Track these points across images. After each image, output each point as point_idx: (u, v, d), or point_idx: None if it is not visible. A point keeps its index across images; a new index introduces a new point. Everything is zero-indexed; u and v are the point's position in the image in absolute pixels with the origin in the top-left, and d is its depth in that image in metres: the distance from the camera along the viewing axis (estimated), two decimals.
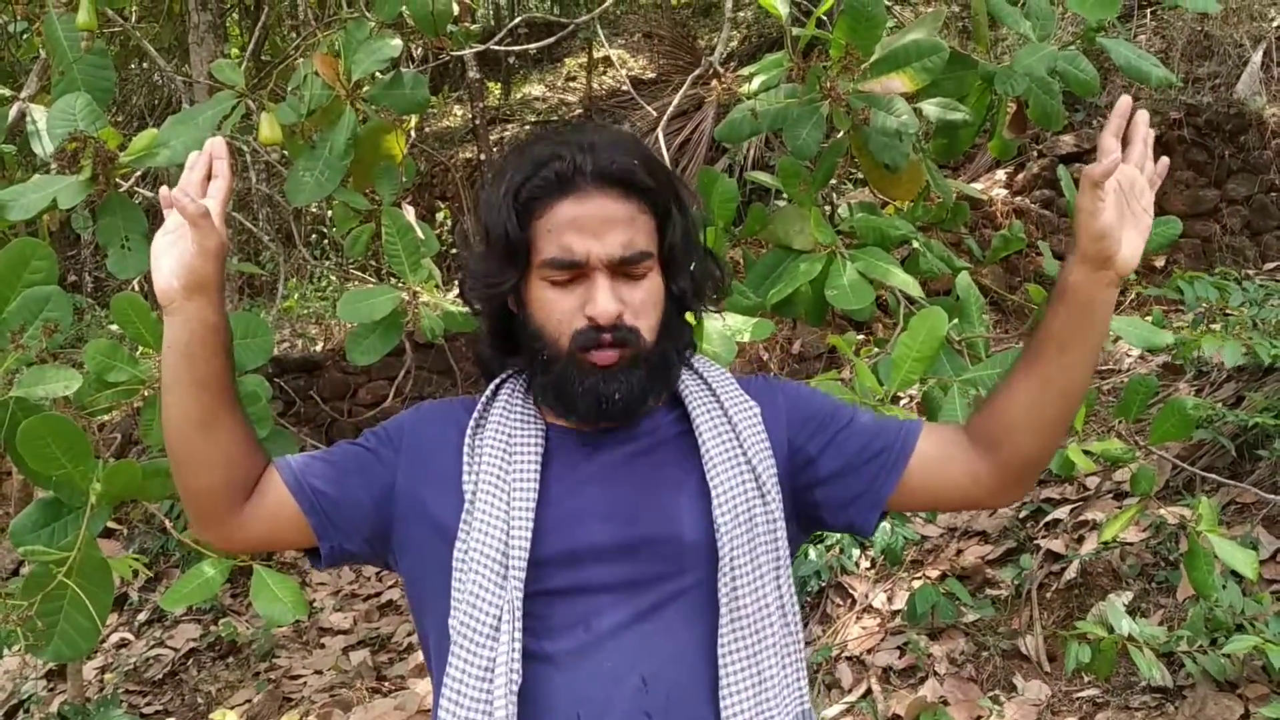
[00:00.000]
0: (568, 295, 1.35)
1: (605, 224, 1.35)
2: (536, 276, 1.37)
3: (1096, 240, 1.29)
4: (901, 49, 2.31)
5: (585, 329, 1.34)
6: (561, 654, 1.30)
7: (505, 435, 1.40)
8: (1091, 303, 1.33)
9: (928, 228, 2.89)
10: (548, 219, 1.36)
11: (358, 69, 2.27)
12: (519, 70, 13.12)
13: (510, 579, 1.29)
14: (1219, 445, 4.14)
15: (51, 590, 1.75)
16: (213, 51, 5.80)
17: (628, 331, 1.35)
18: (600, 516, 1.34)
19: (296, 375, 7.02)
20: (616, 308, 1.33)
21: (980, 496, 1.48)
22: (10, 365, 1.79)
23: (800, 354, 6.75)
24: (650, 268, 1.38)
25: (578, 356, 1.35)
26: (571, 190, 1.36)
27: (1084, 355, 1.36)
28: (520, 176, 1.38)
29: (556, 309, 1.36)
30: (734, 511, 1.33)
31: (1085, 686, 3.56)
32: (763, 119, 2.32)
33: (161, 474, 1.89)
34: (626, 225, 1.36)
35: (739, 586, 1.32)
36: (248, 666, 5.27)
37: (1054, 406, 1.38)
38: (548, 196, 1.36)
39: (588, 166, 1.35)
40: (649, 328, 1.37)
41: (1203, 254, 7.02)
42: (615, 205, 1.36)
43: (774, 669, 1.33)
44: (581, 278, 1.35)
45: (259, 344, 2.11)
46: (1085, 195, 1.28)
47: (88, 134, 2.03)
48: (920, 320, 1.98)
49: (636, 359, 1.35)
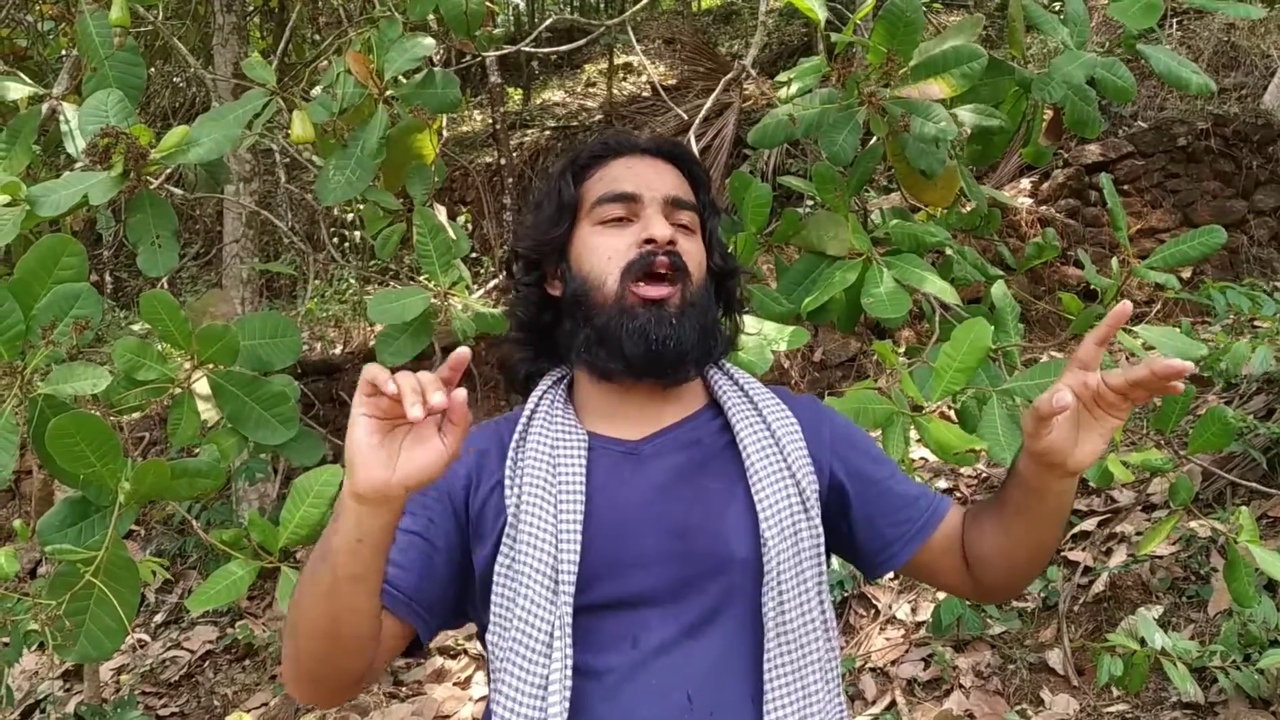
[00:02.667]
0: (619, 235, 1.39)
1: (656, 174, 1.44)
2: (587, 223, 1.42)
3: (1040, 455, 1.24)
4: (940, 55, 2.28)
5: (638, 256, 1.36)
6: (608, 670, 1.27)
7: (549, 446, 1.36)
8: (1045, 491, 1.28)
9: (960, 234, 2.86)
10: (601, 174, 1.44)
11: (390, 68, 2.25)
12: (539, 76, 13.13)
13: (561, 593, 1.25)
14: (1249, 458, 4.09)
15: (78, 590, 1.73)
16: (237, 53, 5.80)
17: (681, 259, 1.37)
18: (648, 531, 1.31)
19: (316, 378, 7.01)
20: (671, 232, 1.37)
21: (969, 595, 1.52)
22: (40, 362, 1.77)
23: (822, 362, 6.71)
24: (696, 226, 1.44)
25: (628, 292, 1.35)
26: (624, 154, 1.46)
27: (1045, 526, 1.33)
28: (575, 153, 1.49)
29: (607, 248, 1.38)
30: (780, 527, 1.31)
31: (1114, 701, 3.52)
32: (800, 124, 2.29)
33: (189, 474, 1.87)
34: (675, 182, 1.45)
35: (785, 603, 1.29)
36: (264, 670, 5.25)
37: (1021, 554, 1.37)
38: (602, 159, 1.46)
39: (638, 141, 1.48)
40: (694, 279, 1.39)
41: (1230, 265, 6.97)
42: (666, 167, 1.46)
43: (818, 684, 1.30)
44: (633, 219, 1.40)
45: (287, 343, 2.09)
46: (1029, 419, 1.23)
47: (120, 130, 2.01)
48: (964, 330, 1.95)
49: (684, 303, 1.36)
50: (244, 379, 1.99)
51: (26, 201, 2.01)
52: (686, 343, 1.35)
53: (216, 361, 1.95)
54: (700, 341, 1.37)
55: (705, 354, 1.41)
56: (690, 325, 1.35)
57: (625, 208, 1.39)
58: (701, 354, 1.39)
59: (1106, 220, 7.01)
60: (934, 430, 1.93)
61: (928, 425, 1.95)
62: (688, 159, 1.49)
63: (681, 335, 1.34)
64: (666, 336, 1.33)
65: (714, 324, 1.43)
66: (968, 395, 2.13)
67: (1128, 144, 7.32)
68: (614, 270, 1.36)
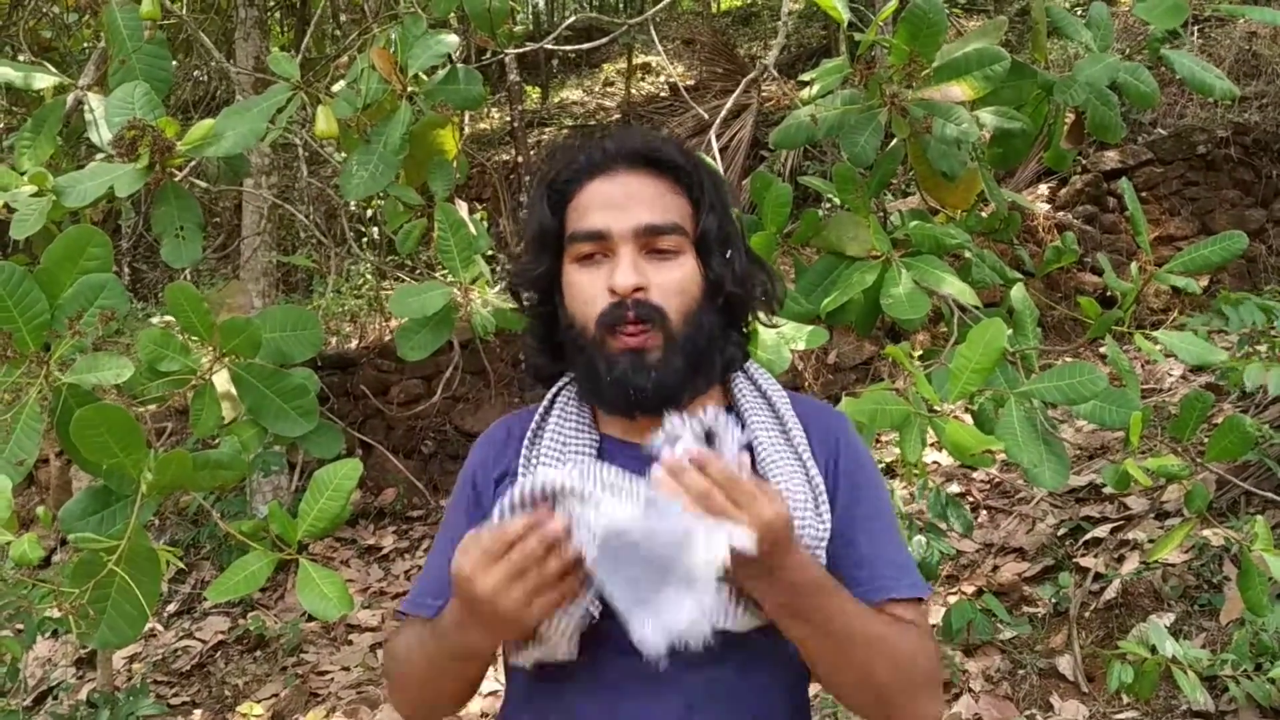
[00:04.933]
0: (595, 275, 1.33)
1: (630, 198, 1.34)
2: (568, 259, 1.37)
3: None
4: (963, 57, 2.28)
5: (608, 306, 1.31)
6: (606, 676, 1.27)
7: (560, 444, 1.37)
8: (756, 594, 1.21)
9: (979, 236, 2.86)
10: (577, 200, 1.37)
11: (414, 63, 2.26)
12: (558, 75, 13.15)
13: None
14: (1264, 467, 4.08)
15: (101, 578, 1.75)
16: (258, 47, 5.83)
17: (651, 309, 1.30)
18: None
19: (332, 372, 7.03)
20: (635, 279, 1.30)
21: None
22: (65, 352, 1.79)
23: (836, 364, 6.71)
24: (681, 246, 1.35)
25: (605, 339, 1.31)
26: (600, 171, 1.37)
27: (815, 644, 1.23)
28: (553, 169, 1.41)
29: (585, 290, 1.34)
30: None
31: (1124, 708, 3.51)
32: (821, 125, 2.30)
33: (211, 465, 1.88)
34: (654, 200, 1.35)
35: None
36: (275, 661, 5.27)
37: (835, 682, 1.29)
38: (577, 181, 1.38)
39: (613, 147, 1.38)
40: (678, 311, 1.32)
41: (1248, 274, 6.95)
42: (643, 182, 1.36)
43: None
44: (607, 254, 1.33)
45: (308, 337, 2.10)
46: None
47: (146, 123, 2.03)
48: (979, 331, 1.95)
49: (666, 344, 1.30)
50: (265, 371, 2.01)
51: (53, 192, 2.03)
52: (671, 384, 1.30)
53: (238, 354, 1.97)
54: (692, 375, 1.33)
55: (705, 381, 1.37)
56: (675, 365, 1.30)
57: (596, 245, 1.33)
58: (698, 383, 1.35)
59: (1124, 227, 6.99)
60: (950, 431, 1.93)
61: (944, 426, 1.96)
62: (671, 159, 1.38)
63: (664, 379, 1.30)
64: (644, 385, 1.29)
65: (710, 347, 1.36)
66: (985, 397, 2.14)
67: (1147, 151, 7.30)
68: (592, 315, 1.32)
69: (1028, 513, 4.88)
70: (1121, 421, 2.18)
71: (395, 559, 6.22)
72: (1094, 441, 5.31)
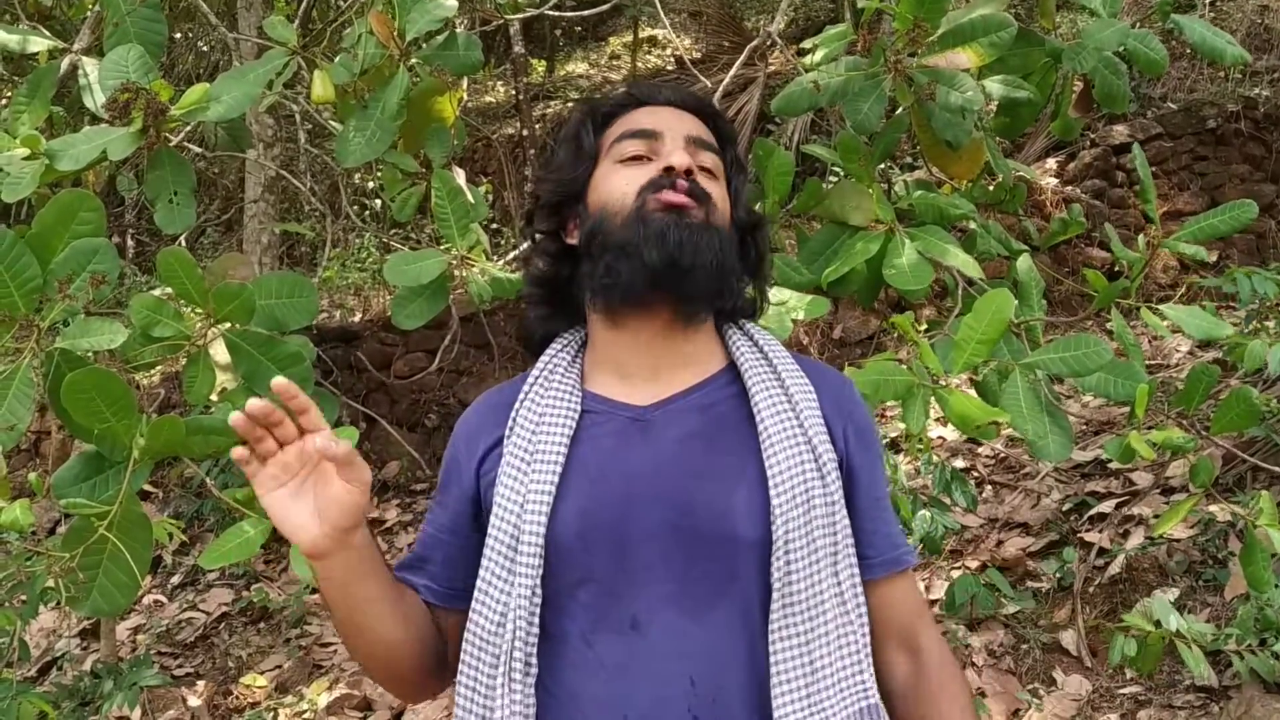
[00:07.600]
0: (638, 169, 1.34)
1: (679, 120, 1.39)
2: (606, 162, 1.38)
3: None
4: (969, 23, 2.24)
5: (657, 177, 1.32)
6: (607, 650, 1.23)
7: (539, 408, 1.33)
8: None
9: (984, 208, 2.82)
10: (620, 121, 1.41)
11: (412, 28, 2.23)
12: (563, 48, 13.07)
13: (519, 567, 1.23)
14: (1271, 442, 4.05)
15: (92, 544, 1.73)
16: (261, 15, 5.79)
17: (701, 190, 1.32)
18: (653, 505, 1.24)
19: (334, 345, 7.01)
20: (690, 161, 1.33)
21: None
22: (57, 316, 1.77)
23: (841, 339, 6.68)
24: (720, 172, 1.39)
25: (646, 201, 1.30)
26: (647, 103, 1.42)
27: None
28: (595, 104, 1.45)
29: (625, 179, 1.34)
30: (791, 494, 1.24)
31: (1127, 683, 3.50)
32: (824, 92, 2.26)
33: (204, 431, 1.86)
34: (701, 128, 1.41)
35: (792, 570, 1.22)
36: (279, 633, 5.28)
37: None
38: (624, 109, 1.42)
39: (661, 93, 1.44)
40: (719, 214, 1.34)
41: (1256, 249, 6.90)
42: (690, 117, 1.41)
43: (828, 659, 1.24)
44: (653, 157, 1.35)
45: (304, 304, 2.07)
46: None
47: (139, 85, 2.00)
48: (985, 302, 1.92)
49: (709, 221, 1.31)
50: (260, 338, 1.98)
51: (46, 155, 2.01)
52: (705, 255, 1.27)
53: (232, 319, 1.94)
54: (717, 268, 1.29)
55: (722, 287, 1.32)
56: (709, 243, 1.28)
57: (645, 145, 1.34)
58: (718, 284, 1.31)
59: (1132, 202, 6.94)
60: (955, 402, 1.91)
61: (949, 397, 1.93)
62: (714, 113, 1.44)
63: (700, 244, 1.27)
64: (684, 240, 1.26)
65: (733, 266, 1.34)
66: (989, 369, 2.11)
67: (1156, 125, 7.24)
68: (633, 191, 1.31)
69: (1033, 488, 4.86)
70: (1127, 394, 2.15)
71: (399, 532, 6.22)
72: (1100, 417, 5.28)
